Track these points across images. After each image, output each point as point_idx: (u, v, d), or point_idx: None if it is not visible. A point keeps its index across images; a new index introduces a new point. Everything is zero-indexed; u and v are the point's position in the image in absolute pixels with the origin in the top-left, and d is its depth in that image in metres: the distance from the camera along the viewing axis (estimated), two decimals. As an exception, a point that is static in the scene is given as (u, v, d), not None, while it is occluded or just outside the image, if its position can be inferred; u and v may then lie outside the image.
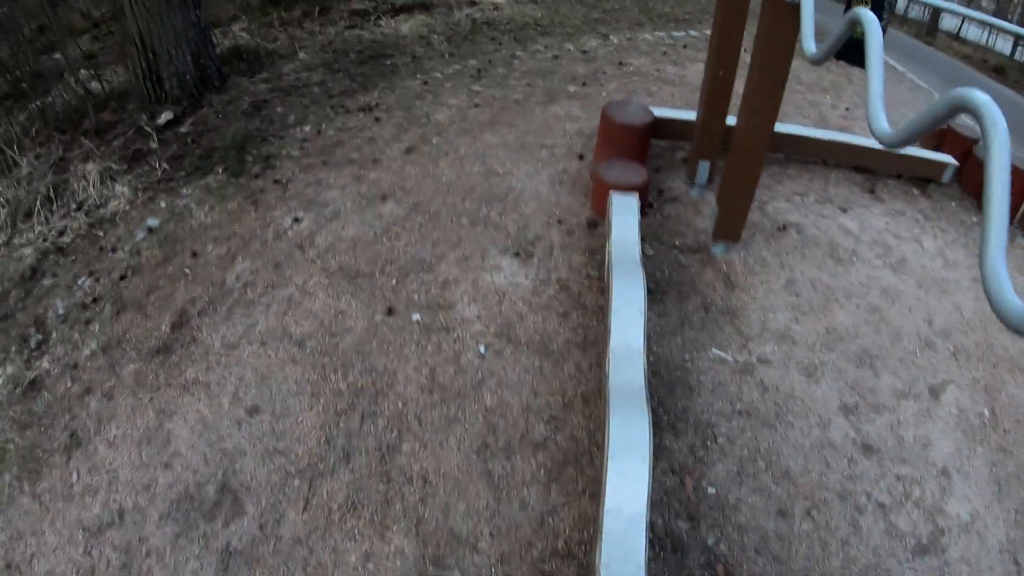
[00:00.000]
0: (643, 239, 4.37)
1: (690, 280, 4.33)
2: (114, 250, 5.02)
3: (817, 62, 2.53)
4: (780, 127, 5.21)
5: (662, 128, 5.19)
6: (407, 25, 8.64)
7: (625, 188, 4.37)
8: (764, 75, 3.59)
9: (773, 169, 5.42)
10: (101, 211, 5.49)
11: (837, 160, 5.58)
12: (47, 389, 4.04)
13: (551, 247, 4.50)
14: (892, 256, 4.75)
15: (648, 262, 4.40)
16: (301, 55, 7.78)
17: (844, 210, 5.11)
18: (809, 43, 2.60)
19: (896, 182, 5.56)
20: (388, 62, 7.40)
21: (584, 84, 6.64)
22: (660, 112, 5.26)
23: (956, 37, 23.41)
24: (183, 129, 6.47)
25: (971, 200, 5.48)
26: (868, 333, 4.16)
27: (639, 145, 4.73)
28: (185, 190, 5.54)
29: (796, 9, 3.22)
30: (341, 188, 5.20)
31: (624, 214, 3.99)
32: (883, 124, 1.89)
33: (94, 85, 7.27)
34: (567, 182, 5.09)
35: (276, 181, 5.40)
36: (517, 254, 4.46)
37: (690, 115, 5.27)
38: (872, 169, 5.60)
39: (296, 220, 4.94)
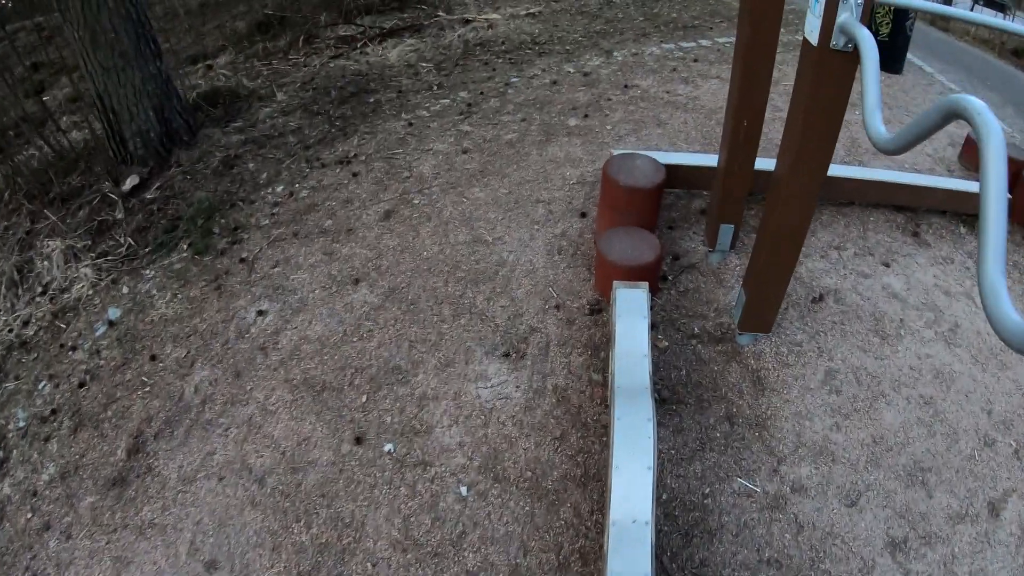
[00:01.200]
0: (655, 325, 3.69)
1: (711, 381, 3.62)
2: (74, 348, 4.56)
3: (889, 151, 1.84)
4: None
5: (676, 177, 4.46)
6: (395, 52, 7.94)
7: (633, 269, 3.68)
8: (807, 139, 2.84)
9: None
10: (65, 296, 5.05)
11: (875, 200, 4.79)
12: (9, 520, 3.73)
13: (547, 343, 3.81)
14: (944, 322, 4.02)
15: (662, 360, 3.70)
16: (279, 95, 7.12)
17: (887, 264, 4.36)
18: (876, 122, 1.88)
19: (941, 220, 4.81)
20: (371, 99, 6.72)
21: (586, 116, 5.90)
22: (672, 158, 4.54)
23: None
24: (149, 195, 5.90)
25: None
26: (920, 437, 3.45)
27: (648, 209, 4.03)
28: (148, 271, 5.03)
29: (847, 60, 2.50)
30: (311, 268, 4.57)
31: (630, 316, 3.29)
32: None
33: (74, 135, 6.85)
34: (567, 250, 4.40)
35: (242, 260, 4.83)
36: (507, 355, 3.79)
37: (707, 160, 4.54)
38: (914, 206, 4.82)
39: (260, 313, 4.35)
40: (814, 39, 2.57)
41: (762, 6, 3.20)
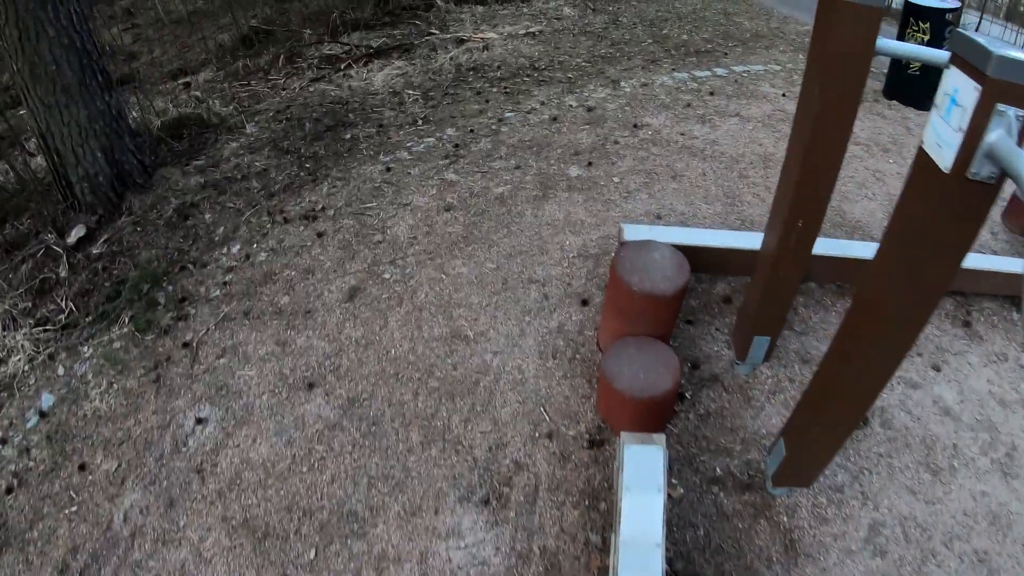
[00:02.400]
0: (670, 465, 2.89)
1: (735, 545, 2.83)
2: (4, 442, 3.86)
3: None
4: (845, 246, 3.85)
5: (700, 261, 3.65)
6: (381, 75, 7.12)
7: (645, 403, 2.91)
8: (914, 271, 2.01)
9: (835, 304, 3.89)
10: (2, 369, 4.34)
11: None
12: None
13: (535, 487, 3.02)
14: (1000, 446, 3.29)
15: (675, 513, 2.91)
16: (249, 128, 6.32)
17: (937, 368, 3.58)
18: None
19: (992, 304, 4.05)
20: (348, 135, 5.91)
21: (589, 163, 5.09)
22: (697, 237, 3.77)
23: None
24: (95, 249, 5.17)
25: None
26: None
27: (666, 318, 3.20)
28: (87, 348, 4.30)
29: (988, 190, 1.66)
30: (260, 363, 3.79)
31: (641, 490, 2.47)
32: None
33: (40, 159, 6.05)
34: (564, 352, 3.60)
35: (186, 344, 4.11)
36: (486, 501, 3.00)
37: (740, 241, 3.73)
38: (964, 291, 4.03)
39: (200, 421, 3.61)
40: (944, 161, 1.70)
41: (844, 71, 2.36)
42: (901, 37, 6.81)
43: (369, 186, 5.14)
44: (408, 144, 5.65)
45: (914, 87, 6.77)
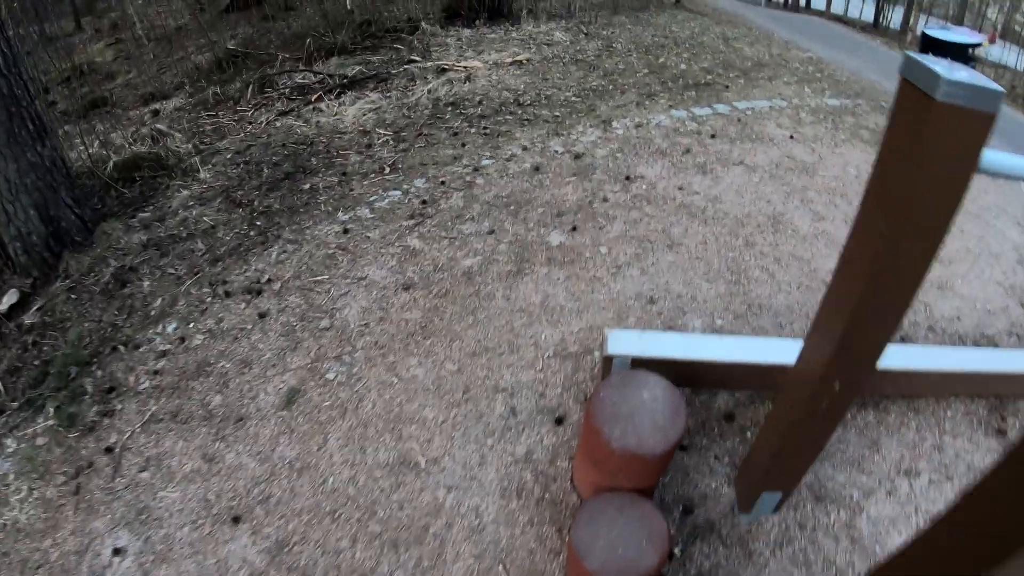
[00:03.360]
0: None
1: None
2: None
3: None
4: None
5: (698, 375, 2.93)
6: (352, 109, 6.38)
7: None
8: None
9: (855, 418, 3.19)
10: None
11: (959, 392, 3.29)
12: None
13: None
14: None
15: None
16: (203, 172, 5.55)
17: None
18: None
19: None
20: (307, 184, 5.18)
21: (574, 228, 4.35)
22: (700, 346, 3.05)
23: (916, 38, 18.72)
24: (27, 319, 4.52)
25: None
26: None
27: (652, 471, 2.45)
28: (10, 440, 3.63)
29: None
30: (185, 483, 3.16)
31: None
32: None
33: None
34: (531, 490, 2.89)
35: (109, 449, 3.45)
36: None
37: (747, 350, 3.01)
38: (1000, 394, 3.34)
39: (117, 552, 3.00)
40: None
41: (930, 201, 1.59)
42: None
43: (322, 252, 4.40)
44: (371, 198, 4.90)
45: None
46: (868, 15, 20.05)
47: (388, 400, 3.42)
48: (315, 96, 6.97)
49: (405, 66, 7.29)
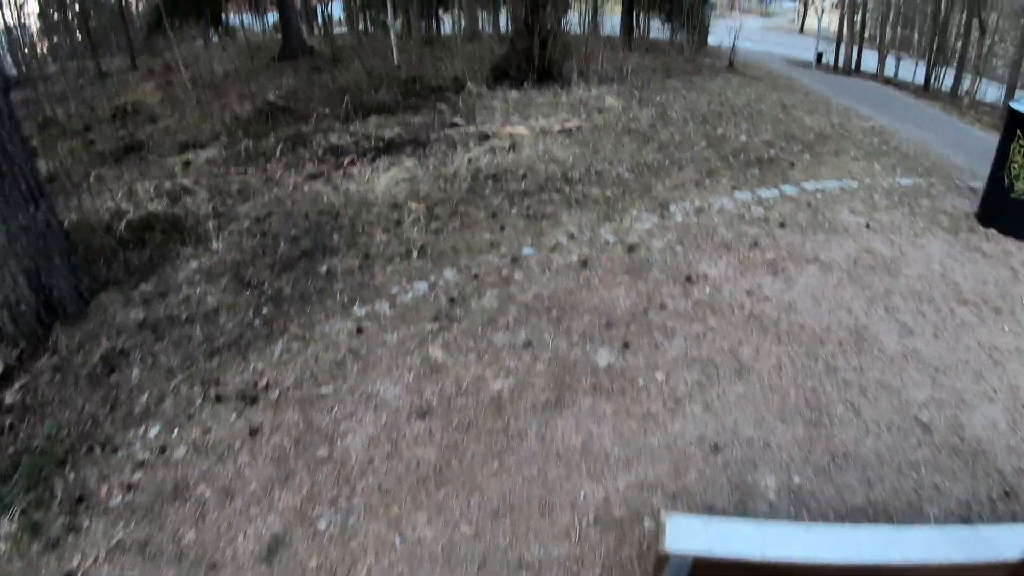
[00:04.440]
0: None
1: None
2: None
3: None
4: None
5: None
6: (385, 177, 5.73)
7: None
8: None
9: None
10: None
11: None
12: None
13: None
14: None
15: None
16: (217, 242, 4.89)
17: None
18: None
19: None
20: (324, 266, 4.52)
21: (626, 344, 3.61)
22: (779, 544, 2.20)
23: (973, 102, 17.40)
24: (8, 398, 3.89)
25: None
26: None
27: None
28: None
29: None
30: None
31: None
32: None
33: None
34: None
35: (68, 575, 2.81)
36: None
37: (835, 547, 2.22)
38: None
39: None
40: None
41: None
42: (1003, 154, 5.17)
43: (330, 356, 3.69)
44: (393, 290, 4.19)
45: (1018, 212, 5.15)
46: (919, 77, 19.32)
47: (386, 569, 2.64)
48: (348, 159, 6.33)
49: (446, 130, 6.64)
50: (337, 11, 24.90)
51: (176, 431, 3.48)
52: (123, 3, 19.09)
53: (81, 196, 5.90)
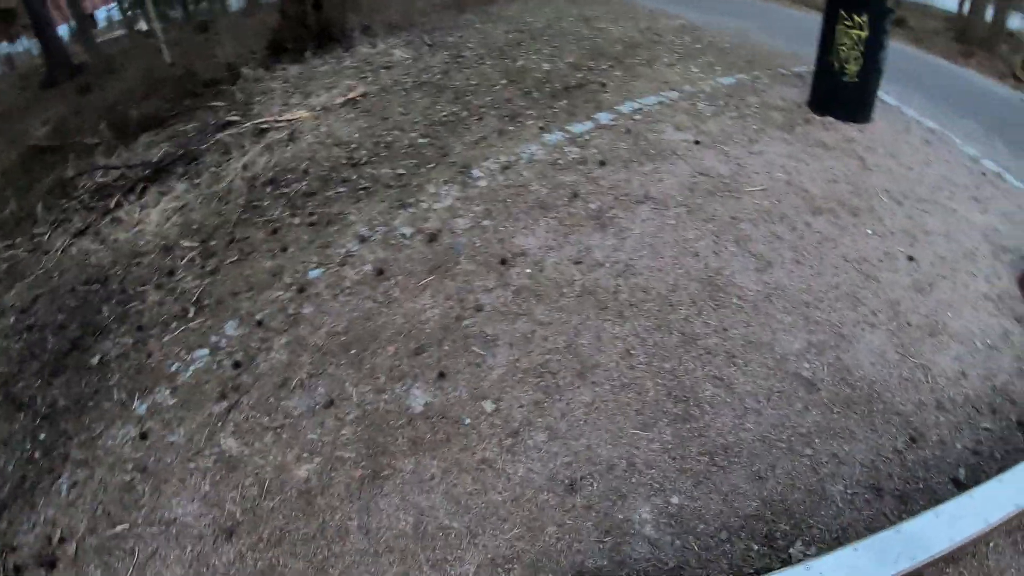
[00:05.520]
0: None
1: None
2: None
3: None
4: None
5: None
6: (155, 215, 4.77)
7: None
8: None
9: None
10: None
11: None
12: None
13: None
14: None
15: None
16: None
17: None
18: None
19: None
20: (96, 355, 3.68)
21: (441, 376, 3.18)
22: None
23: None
24: None
25: None
26: None
27: None
28: None
29: None
30: None
31: None
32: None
33: None
34: None
35: None
36: None
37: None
38: None
39: None
40: None
41: None
42: (829, 37, 4.71)
43: (118, 479, 2.95)
44: (173, 367, 3.37)
45: (844, 94, 4.88)
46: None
47: None
48: (114, 201, 5.20)
49: (219, 134, 5.57)
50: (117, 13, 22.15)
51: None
52: None
53: None
